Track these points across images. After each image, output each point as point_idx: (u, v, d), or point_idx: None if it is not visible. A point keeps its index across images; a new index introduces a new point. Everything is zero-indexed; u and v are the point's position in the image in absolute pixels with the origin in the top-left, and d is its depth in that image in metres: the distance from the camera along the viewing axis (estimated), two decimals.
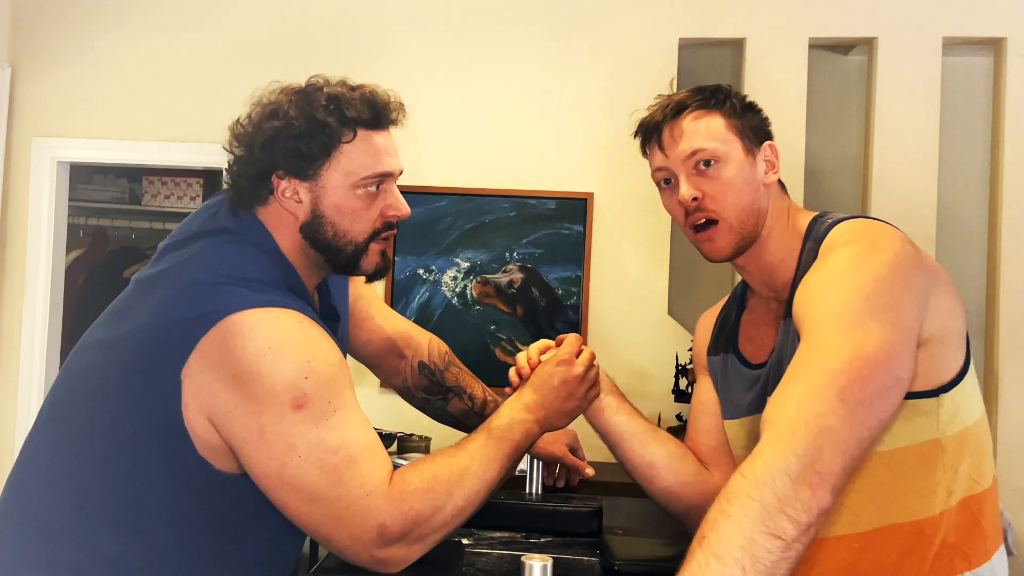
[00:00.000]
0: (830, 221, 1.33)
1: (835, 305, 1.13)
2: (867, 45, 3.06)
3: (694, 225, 1.35)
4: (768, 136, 1.39)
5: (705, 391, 1.51)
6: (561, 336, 1.46)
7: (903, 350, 1.09)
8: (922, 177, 2.93)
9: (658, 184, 1.41)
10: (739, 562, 0.91)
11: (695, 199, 1.32)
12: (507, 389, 1.44)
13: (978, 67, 3.10)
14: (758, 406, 1.34)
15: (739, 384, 1.41)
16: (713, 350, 1.50)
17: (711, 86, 1.39)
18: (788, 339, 1.29)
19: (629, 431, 1.45)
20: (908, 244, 1.21)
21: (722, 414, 1.47)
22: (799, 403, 1.02)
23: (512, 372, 1.44)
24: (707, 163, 1.33)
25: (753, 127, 1.37)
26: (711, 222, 1.33)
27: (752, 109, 1.39)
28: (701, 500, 1.41)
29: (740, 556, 0.92)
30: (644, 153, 1.43)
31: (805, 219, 1.37)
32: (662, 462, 1.44)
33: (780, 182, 1.40)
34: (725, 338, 1.47)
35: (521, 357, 1.45)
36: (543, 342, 1.46)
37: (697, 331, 1.59)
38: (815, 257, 1.27)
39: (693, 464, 1.45)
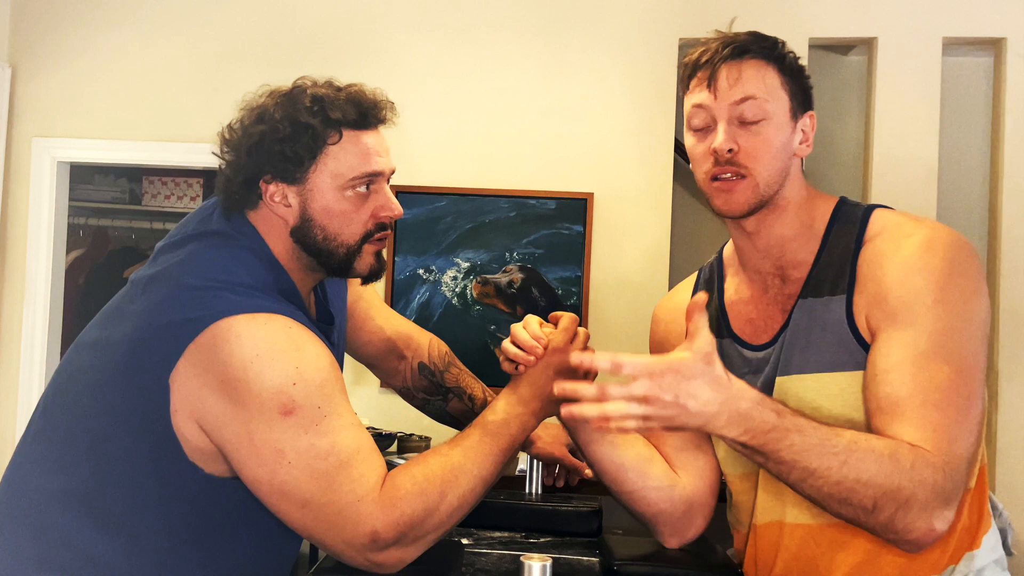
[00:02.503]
0: (864, 205, 1.33)
1: (939, 331, 1.18)
2: (867, 45, 3.06)
3: (716, 175, 1.29)
4: (811, 106, 1.34)
5: None
6: (555, 314, 1.41)
7: None
8: (922, 177, 2.92)
9: (689, 122, 1.33)
10: (851, 479, 1.11)
11: (731, 150, 1.26)
12: (511, 365, 1.39)
13: (978, 67, 3.10)
14: (767, 389, 1.30)
15: (741, 368, 1.35)
16: None
17: (771, 37, 1.34)
18: (809, 320, 1.28)
19: (599, 432, 1.41)
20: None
21: None
22: (952, 442, 1.14)
23: (507, 345, 1.37)
24: (751, 118, 1.27)
25: (802, 91, 1.32)
26: (737, 176, 1.28)
27: (803, 74, 1.34)
28: (668, 505, 1.41)
29: (856, 479, 1.11)
30: (686, 85, 1.34)
31: (827, 200, 1.36)
32: (632, 464, 1.40)
33: (801, 160, 1.36)
34: (715, 323, 1.41)
35: (523, 332, 1.37)
36: (537, 319, 1.40)
37: (662, 320, 1.54)
38: (856, 243, 1.28)
39: (661, 467, 1.42)
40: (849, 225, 1.31)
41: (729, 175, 1.28)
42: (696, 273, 1.53)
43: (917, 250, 1.22)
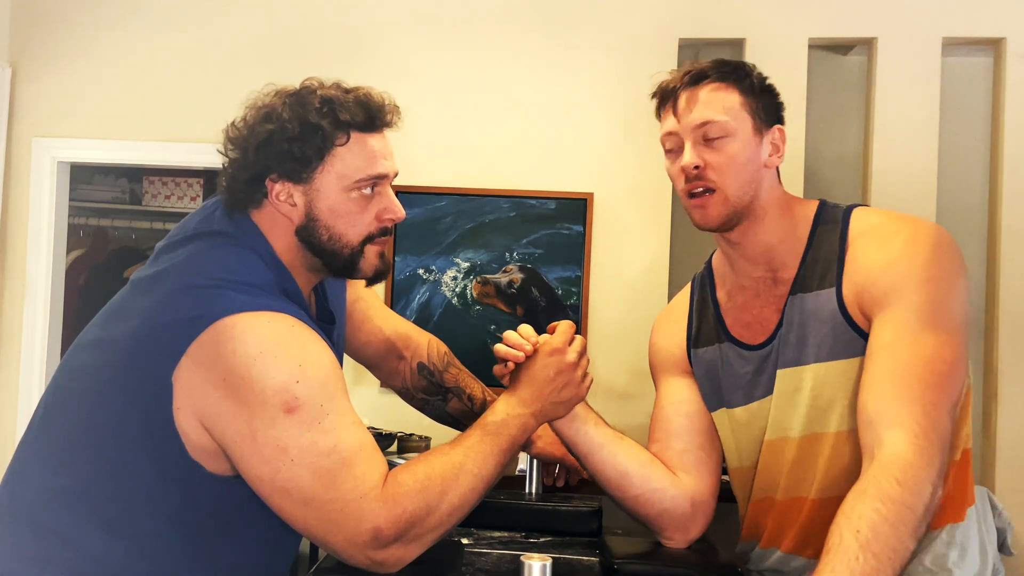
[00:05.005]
0: (844, 206, 1.41)
1: (926, 304, 1.25)
2: (867, 45, 3.06)
3: (690, 192, 1.39)
4: (779, 121, 1.43)
5: (678, 392, 1.53)
6: (553, 324, 1.44)
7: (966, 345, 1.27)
8: (922, 177, 2.92)
9: (664, 148, 1.44)
10: (892, 563, 1.07)
11: (696, 167, 1.36)
12: (502, 366, 1.41)
13: (978, 67, 3.10)
14: (769, 383, 1.39)
15: (744, 369, 1.43)
16: (696, 343, 1.52)
17: (734, 61, 1.42)
18: (800, 314, 1.36)
19: (599, 441, 1.45)
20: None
21: (713, 405, 1.48)
22: (925, 408, 1.18)
23: (499, 346, 1.40)
24: (714, 135, 1.36)
25: (767, 108, 1.41)
26: (708, 191, 1.37)
27: (770, 92, 1.43)
28: (672, 503, 1.45)
29: (893, 557, 1.07)
30: (658, 116, 1.46)
31: (807, 204, 1.44)
32: (634, 470, 1.45)
33: (776, 169, 1.44)
34: (713, 329, 1.49)
35: (513, 334, 1.41)
36: (530, 327, 1.44)
37: (660, 333, 1.60)
38: (841, 239, 1.36)
39: (661, 469, 1.47)
40: (831, 225, 1.39)
41: (700, 190, 1.38)
42: (690, 284, 1.59)
43: (903, 242, 1.31)
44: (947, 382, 1.22)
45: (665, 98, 1.43)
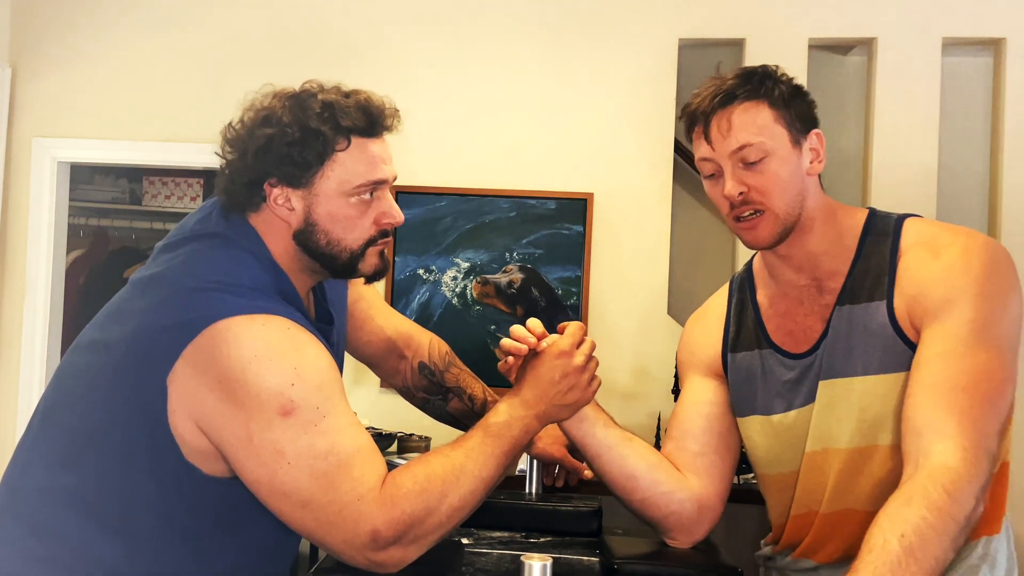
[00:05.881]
0: (895, 216, 1.38)
1: (980, 319, 1.24)
2: (867, 45, 3.06)
3: (737, 217, 1.36)
4: (814, 123, 1.38)
5: (703, 393, 1.50)
6: (563, 324, 1.42)
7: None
8: (922, 177, 2.92)
9: (700, 171, 1.40)
10: (931, 572, 1.07)
11: (741, 193, 1.33)
12: (504, 361, 1.41)
13: (978, 67, 3.10)
14: (810, 393, 1.37)
15: (785, 376, 1.41)
16: (735, 347, 1.49)
17: (759, 69, 1.37)
18: (848, 325, 1.34)
19: (607, 444, 1.44)
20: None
21: (745, 411, 1.46)
22: (976, 423, 1.17)
23: (504, 340, 1.39)
24: (753, 159, 1.32)
25: (800, 115, 1.36)
26: (756, 212, 1.34)
27: (799, 94, 1.38)
28: (679, 506, 1.44)
29: (934, 566, 1.07)
30: (688, 138, 1.41)
31: (855, 212, 1.41)
32: (642, 473, 1.44)
33: (818, 175, 1.40)
34: (753, 334, 1.46)
35: (519, 327, 1.39)
36: (538, 321, 1.41)
37: (695, 331, 1.57)
38: (892, 251, 1.33)
39: (669, 472, 1.45)
40: (883, 236, 1.36)
41: (748, 213, 1.34)
42: (727, 284, 1.57)
43: (957, 255, 1.28)
44: (997, 399, 1.21)
45: (695, 122, 1.37)
